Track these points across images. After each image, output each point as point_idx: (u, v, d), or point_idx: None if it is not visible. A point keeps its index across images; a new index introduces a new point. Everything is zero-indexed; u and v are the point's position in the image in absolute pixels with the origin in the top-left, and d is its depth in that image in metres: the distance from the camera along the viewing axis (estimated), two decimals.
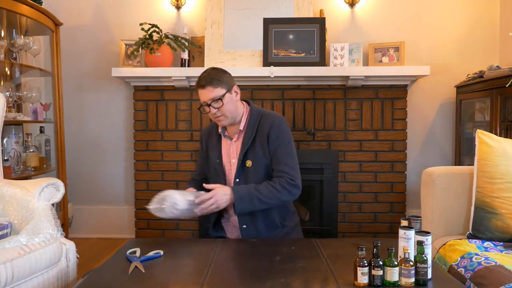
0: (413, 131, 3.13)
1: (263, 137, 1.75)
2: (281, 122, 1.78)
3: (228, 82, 1.74)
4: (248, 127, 1.78)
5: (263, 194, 1.66)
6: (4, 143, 2.68)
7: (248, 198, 1.65)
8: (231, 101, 1.74)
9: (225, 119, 1.75)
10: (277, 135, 1.75)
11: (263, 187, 1.68)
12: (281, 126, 1.77)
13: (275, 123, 1.76)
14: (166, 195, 1.57)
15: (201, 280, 1.16)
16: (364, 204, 3.01)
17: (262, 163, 1.75)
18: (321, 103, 2.99)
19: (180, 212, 1.58)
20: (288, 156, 1.74)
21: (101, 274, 1.26)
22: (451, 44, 3.12)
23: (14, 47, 2.70)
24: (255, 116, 1.80)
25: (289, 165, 1.73)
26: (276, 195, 1.67)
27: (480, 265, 1.41)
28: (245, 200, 1.64)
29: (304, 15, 3.00)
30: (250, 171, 1.75)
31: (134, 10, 3.20)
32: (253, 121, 1.78)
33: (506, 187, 1.68)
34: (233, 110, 1.75)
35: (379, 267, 1.10)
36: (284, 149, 1.75)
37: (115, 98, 3.26)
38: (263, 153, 1.75)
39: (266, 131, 1.75)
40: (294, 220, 1.86)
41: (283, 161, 1.73)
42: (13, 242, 1.50)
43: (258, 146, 1.75)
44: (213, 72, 1.73)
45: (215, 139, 1.88)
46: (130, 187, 3.23)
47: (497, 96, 2.51)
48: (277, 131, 1.75)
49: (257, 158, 1.75)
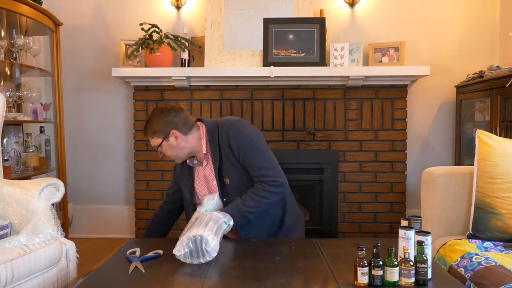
0: (413, 131, 3.13)
1: (227, 151, 1.70)
2: (236, 127, 1.71)
3: (163, 131, 1.70)
4: (211, 147, 1.74)
5: (251, 206, 1.63)
6: (4, 143, 2.68)
7: (239, 215, 1.61)
8: (170, 147, 1.72)
9: (175, 158, 1.76)
10: (237, 143, 1.68)
11: (248, 199, 1.65)
12: (238, 133, 1.70)
13: (230, 132, 1.69)
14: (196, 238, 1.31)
15: (201, 280, 1.16)
16: (364, 204, 3.01)
17: (237, 177, 1.71)
18: (321, 103, 2.99)
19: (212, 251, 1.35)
20: (259, 158, 1.69)
21: (101, 274, 1.26)
22: (451, 44, 3.12)
23: (14, 47, 2.70)
24: (212, 133, 1.74)
25: (264, 167, 1.67)
26: (263, 201, 1.65)
27: (480, 265, 1.41)
28: (238, 218, 1.61)
29: (304, 15, 3.00)
30: (230, 188, 1.72)
31: (134, 10, 3.20)
32: (212, 139, 1.73)
33: (506, 187, 1.68)
34: (177, 153, 1.73)
35: (379, 267, 1.10)
36: (251, 153, 1.68)
37: (115, 98, 3.26)
38: (234, 167, 1.70)
39: (226, 144, 1.70)
40: (294, 215, 1.82)
41: (256, 165, 1.67)
42: (13, 242, 1.50)
43: (227, 162, 1.71)
44: (151, 121, 1.72)
45: (186, 171, 1.83)
46: (130, 187, 3.23)
47: (497, 96, 2.51)
48: (236, 139, 1.68)
49: (231, 174, 1.71)
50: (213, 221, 1.42)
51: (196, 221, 1.43)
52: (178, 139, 1.72)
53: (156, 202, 3.08)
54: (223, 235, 1.47)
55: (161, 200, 3.07)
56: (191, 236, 1.29)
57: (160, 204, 2.02)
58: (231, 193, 1.72)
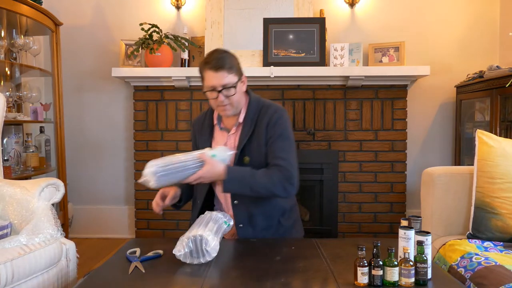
0: (413, 131, 3.13)
1: (261, 131, 1.62)
2: (282, 114, 1.65)
3: (240, 70, 1.61)
4: (248, 119, 1.64)
5: (258, 183, 1.54)
6: (4, 143, 2.68)
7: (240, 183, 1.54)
8: (239, 91, 1.60)
9: (230, 109, 1.61)
10: (275, 127, 1.62)
11: (260, 175, 1.55)
12: (281, 119, 1.64)
13: (275, 115, 1.63)
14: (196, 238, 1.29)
15: (201, 280, 1.16)
16: (364, 204, 3.01)
17: (260, 159, 1.62)
18: (321, 103, 2.99)
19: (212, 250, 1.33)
20: (285, 150, 1.61)
21: (101, 274, 1.26)
22: (451, 44, 3.12)
23: (14, 47, 2.70)
24: (255, 107, 1.66)
25: (286, 160, 1.58)
26: (270, 188, 1.55)
27: (480, 265, 1.41)
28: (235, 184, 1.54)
29: (304, 15, 3.00)
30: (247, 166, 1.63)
31: (134, 10, 3.20)
32: (252, 113, 1.65)
33: (506, 187, 1.68)
34: (240, 100, 1.63)
35: (379, 267, 1.10)
36: (281, 142, 1.61)
37: (115, 98, 3.26)
38: (259, 149, 1.62)
39: (264, 124, 1.62)
40: (293, 217, 1.76)
41: (279, 155, 1.59)
42: (13, 242, 1.50)
43: (255, 141, 1.62)
44: (226, 56, 1.57)
45: (208, 130, 1.73)
46: (130, 187, 3.23)
47: (497, 96, 2.51)
48: (276, 124, 1.62)
49: (255, 154, 1.62)
50: (213, 221, 1.42)
51: (196, 221, 1.43)
52: (243, 87, 1.64)
53: None
54: (223, 235, 1.47)
55: None
56: (191, 236, 1.29)
57: None
58: None
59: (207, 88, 1.58)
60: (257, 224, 1.66)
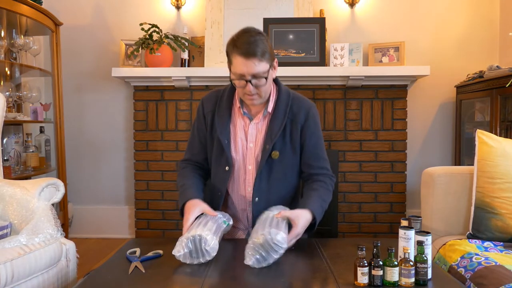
0: (413, 131, 3.13)
1: (295, 126, 1.51)
2: (316, 112, 1.57)
3: (272, 54, 1.44)
4: (278, 110, 1.51)
5: (326, 202, 1.51)
6: (4, 143, 2.68)
7: (322, 212, 1.47)
8: (270, 79, 1.46)
9: (258, 98, 1.46)
10: (314, 127, 1.54)
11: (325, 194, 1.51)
12: (316, 117, 1.56)
13: (311, 112, 1.53)
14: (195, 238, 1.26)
15: (201, 280, 1.16)
16: (364, 204, 3.01)
17: (289, 156, 1.53)
18: (321, 103, 2.98)
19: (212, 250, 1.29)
20: (324, 151, 1.59)
21: (101, 274, 1.26)
22: (451, 44, 3.12)
23: (14, 47, 2.70)
24: (285, 98, 1.53)
25: (327, 160, 1.58)
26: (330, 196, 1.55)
27: (480, 265, 1.41)
28: (320, 214, 1.46)
29: (304, 15, 3.00)
30: (275, 164, 1.51)
31: (134, 10, 3.20)
32: (284, 104, 1.51)
33: (506, 187, 1.68)
34: (269, 89, 1.49)
35: (379, 267, 1.10)
36: (321, 142, 1.57)
37: (115, 98, 3.25)
38: (293, 145, 1.52)
39: (300, 120, 1.51)
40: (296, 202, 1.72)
41: (321, 156, 1.56)
42: (13, 242, 1.50)
43: (288, 136, 1.51)
44: (259, 39, 1.39)
45: (227, 112, 1.54)
46: (130, 187, 3.23)
47: (497, 96, 2.51)
48: (314, 123, 1.54)
49: (285, 149, 1.51)
50: (212, 221, 1.42)
51: (195, 222, 1.43)
52: (274, 73, 1.50)
53: (156, 202, 3.08)
54: (222, 235, 1.47)
55: (161, 200, 3.07)
56: (190, 236, 1.29)
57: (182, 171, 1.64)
58: (275, 169, 1.52)
59: (235, 76, 1.42)
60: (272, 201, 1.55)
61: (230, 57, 1.45)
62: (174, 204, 3.06)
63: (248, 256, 1.23)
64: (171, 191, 3.06)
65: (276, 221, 1.34)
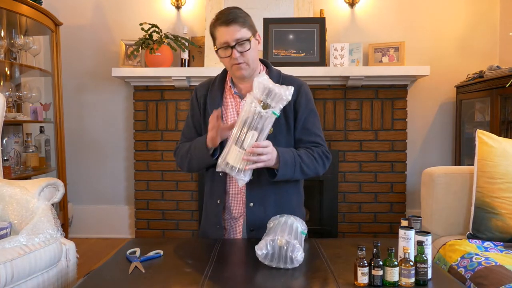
0: (413, 131, 3.13)
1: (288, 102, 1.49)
2: (308, 89, 1.59)
3: (253, 25, 1.51)
4: None
5: (305, 162, 1.47)
6: (4, 143, 2.68)
7: (292, 163, 1.44)
8: (254, 48, 1.50)
9: (246, 67, 1.49)
10: (306, 102, 1.55)
11: (303, 154, 1.49)
12: (309, 94, 1.58)
13: (302, 88, 1.56)
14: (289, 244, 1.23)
15: (201, 280, 1.16)
16: (364, 204, 3.01)
17: (283, 131, 1.54)
18: (321, 103, 2.98)
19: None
20: (318, 127, 1.59)
21: (101, 274, 1.26)
22: (451, 44, 3.12)
23: (14, 47, 2.70)
24: (276, 76, 1.57)
25: (321, 136, 1.58)
26: (315, 165, 1.51)
27: (480, 265, 1.41)
28: (289, 165, 1.44)
29: (304, 15, 3.00)
30: (269, 139, 1.45)
31: (134, 10, 3.20)
32: (274, 81, 1.47)
33: (506, 187, 1.68)
34: (256, 60, 1.52)
35: (379, 267, 1.10)
36: (313, 118, 1.58)
37: (115, 98, 3.25)
38: (286, 120, 1.54)
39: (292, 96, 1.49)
40: (302, 207, 1.73)
41: (314, 132, 1.56)
42: (13, 242, 1.50)
43: (281, 112, 1.47)
44: (238, 10, 1.47)
45: (218, 94, 1.59)
46: (130, 187, 3.23)
47: (497, 96, 2.51)
48: (306, 99, 1.55)
49: (278, 125, 1.50)
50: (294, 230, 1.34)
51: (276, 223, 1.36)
52: (258, 45, 1.54)
53: (156, 202, 3.08)
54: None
55: (161, 200, 3.07)
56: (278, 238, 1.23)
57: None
58: None
59: (220, 45, 1.47)
60: (269, 206, 1.57)
61: (213, 34, 1.50)
62: (174, 204, 3.06)
63: (264, 247, 1.23)
64: (171, 191, 3.06)
65: (300, 238, 1.32)
